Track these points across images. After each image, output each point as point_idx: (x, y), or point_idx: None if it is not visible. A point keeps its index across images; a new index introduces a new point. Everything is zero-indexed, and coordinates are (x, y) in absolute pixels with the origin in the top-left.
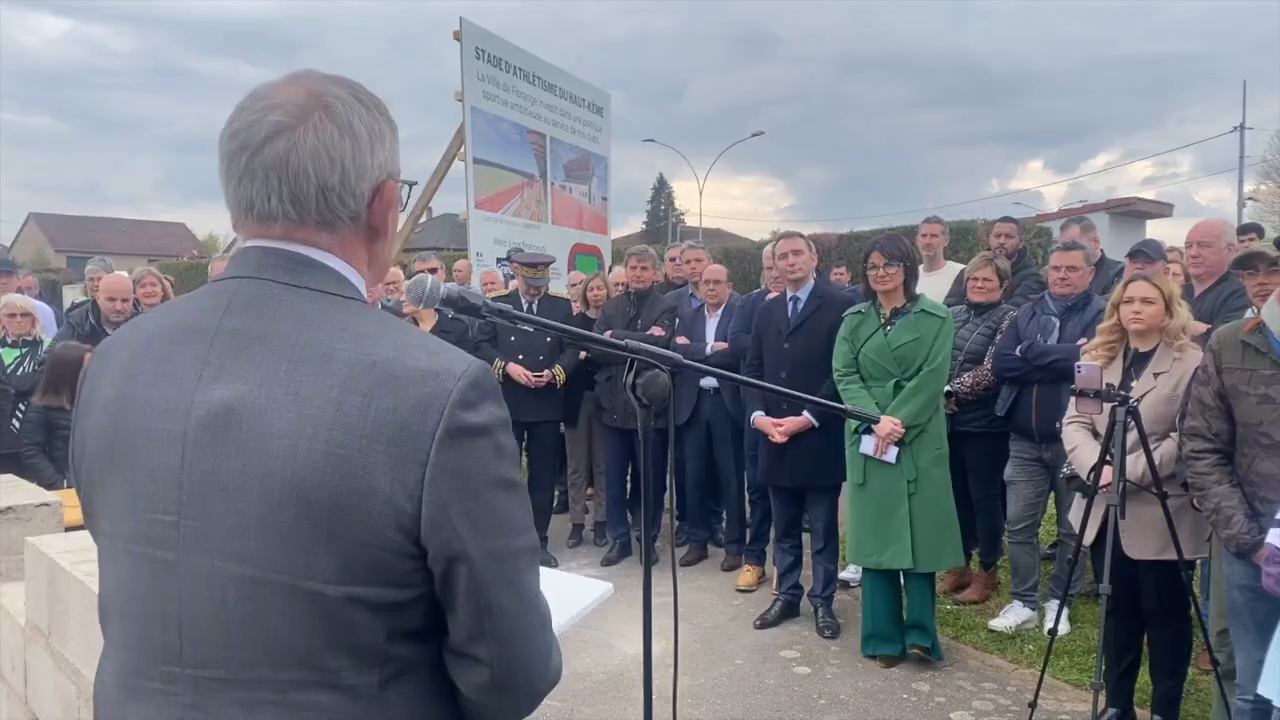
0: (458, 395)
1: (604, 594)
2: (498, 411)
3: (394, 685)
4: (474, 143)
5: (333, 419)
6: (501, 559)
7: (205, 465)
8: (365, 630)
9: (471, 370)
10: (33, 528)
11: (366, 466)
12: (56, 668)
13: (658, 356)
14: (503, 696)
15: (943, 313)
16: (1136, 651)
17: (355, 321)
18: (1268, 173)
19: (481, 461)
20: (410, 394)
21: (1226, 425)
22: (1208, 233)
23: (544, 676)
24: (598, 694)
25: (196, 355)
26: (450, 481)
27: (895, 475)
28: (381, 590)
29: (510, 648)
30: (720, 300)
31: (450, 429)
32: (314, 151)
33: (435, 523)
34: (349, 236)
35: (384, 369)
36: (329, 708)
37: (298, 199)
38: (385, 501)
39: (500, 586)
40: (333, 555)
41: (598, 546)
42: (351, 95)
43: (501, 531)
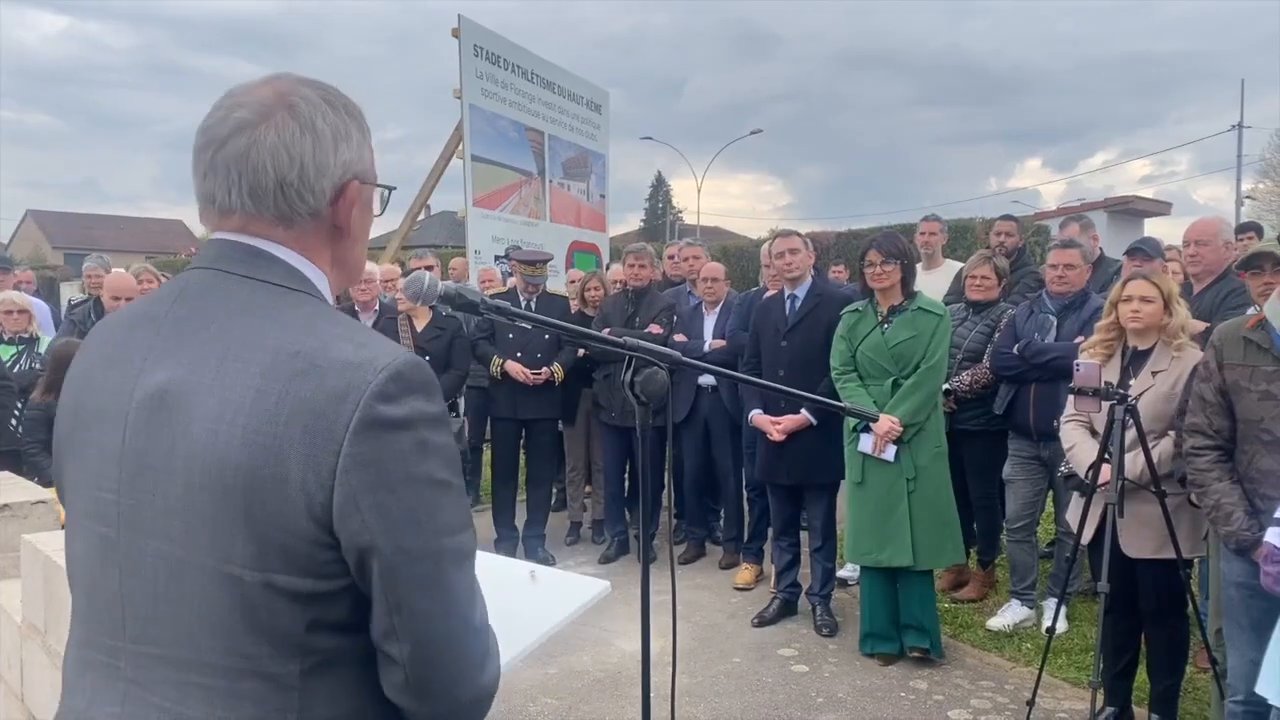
0: (376, 387)
1: (601, 592)
2: (426, 407)
3: (317, 676)
4: (472, 140)
5: (251, 406)
6: (417, 558)
7: (140, 445)
8: (284, 618)
9: (397, 363)
10: (29, 525)
11: (281, 454)
12: (53, 665)
13: (656, 354)
14: (419, 701)
15: (940, 310)
16: (1134, 650)
17: (291, 312)
18: (1266, 171)
19: (399, 456)
20: (328, 384)
21: (1227, 422)
22: (1205, 231)
23: (466, 687)
24: (595, 692)
25: (145, 341)
26: (362, 473)
27: (894, 473)
28: (299, 579)
29: (425, 650)
30: (718, 298)
31: (365, 420)
32: (273, 148)
33: (344, 513)
34: (309, 233)
35: (305, 358)
36: (251, 694)
37: (255, 193)
38: (298, 489)
39: (413, 585)
40: (249, 541)
41: (595, 544)
42: (320, 96)
43: (418, 529)
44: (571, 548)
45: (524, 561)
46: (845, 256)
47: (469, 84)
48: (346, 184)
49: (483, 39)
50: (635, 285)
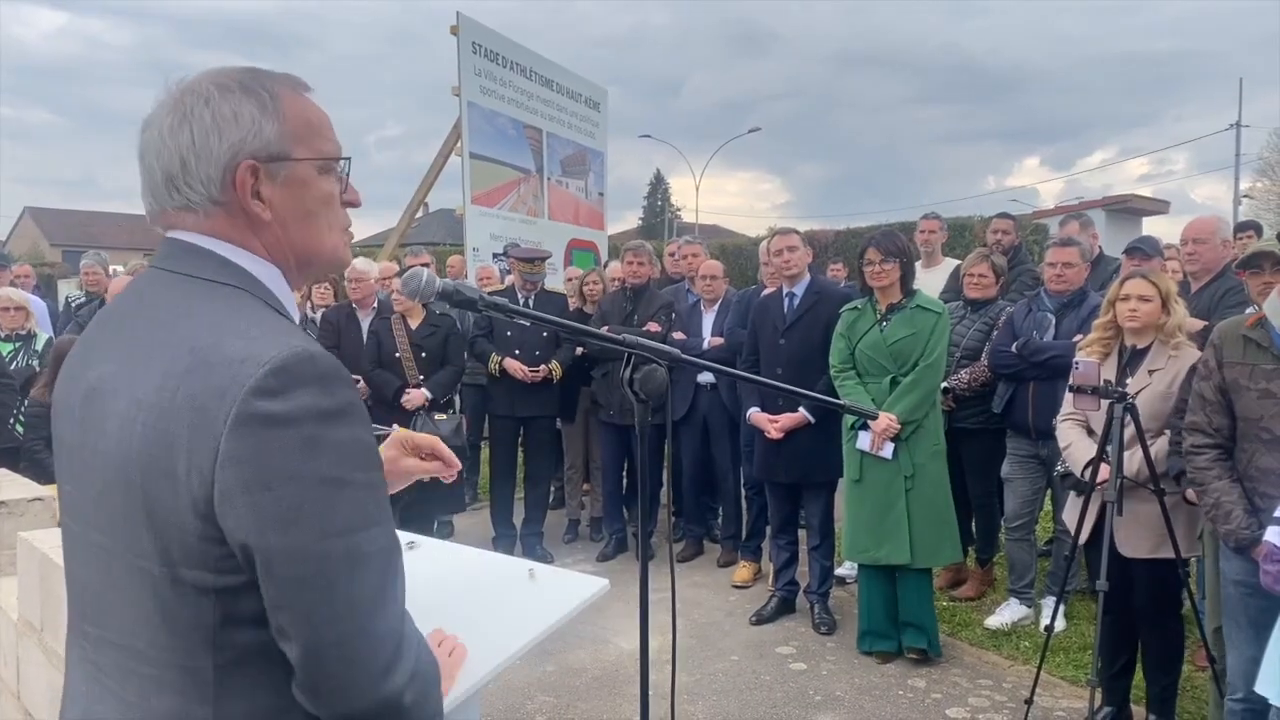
0: (255, 382)
1: (599, 590)
2: (318, 401)
3: (233, 671)
4: (470, 137)
5: (152, 402)
6: (299, 558)
7: (79, 439)
8: (193, 612)
9: (282, 356)
10: (25, 522)
11: (171, 450)
12: (49, 663)
13: (655, 351)
14: (314, 703)
15: (938, 308)
16: (1132, 649)
17: (204, 306)
18: (1264, 170)
19: (279, 452)
20: (213, 380)
21: (1227, 420)
22: (1203, 229)
23: (363, 694)
24: (593, 690)
25: (98, 338)
26: (237, 470)
27: (892, 471)
28: (201, 574)
29: (312, 651)
30: (717, 296)
31: (241, 416)
32: (156, 146)
33: (222, 511)
34: (221, 221)
35: (199, 354)
36: (173, 684)
37: (153, 190)
38: (184, 485)
39: (295, 585)
40: (152, 535)
41: (593, 542)
42: (213, 83)
43: (299, 529)
44: (569, 546)
45: (522, 559)
46: (843, 255)
47: (467, 81)
48: (236, 166)
49: (481, 36)
50: (633, 283)
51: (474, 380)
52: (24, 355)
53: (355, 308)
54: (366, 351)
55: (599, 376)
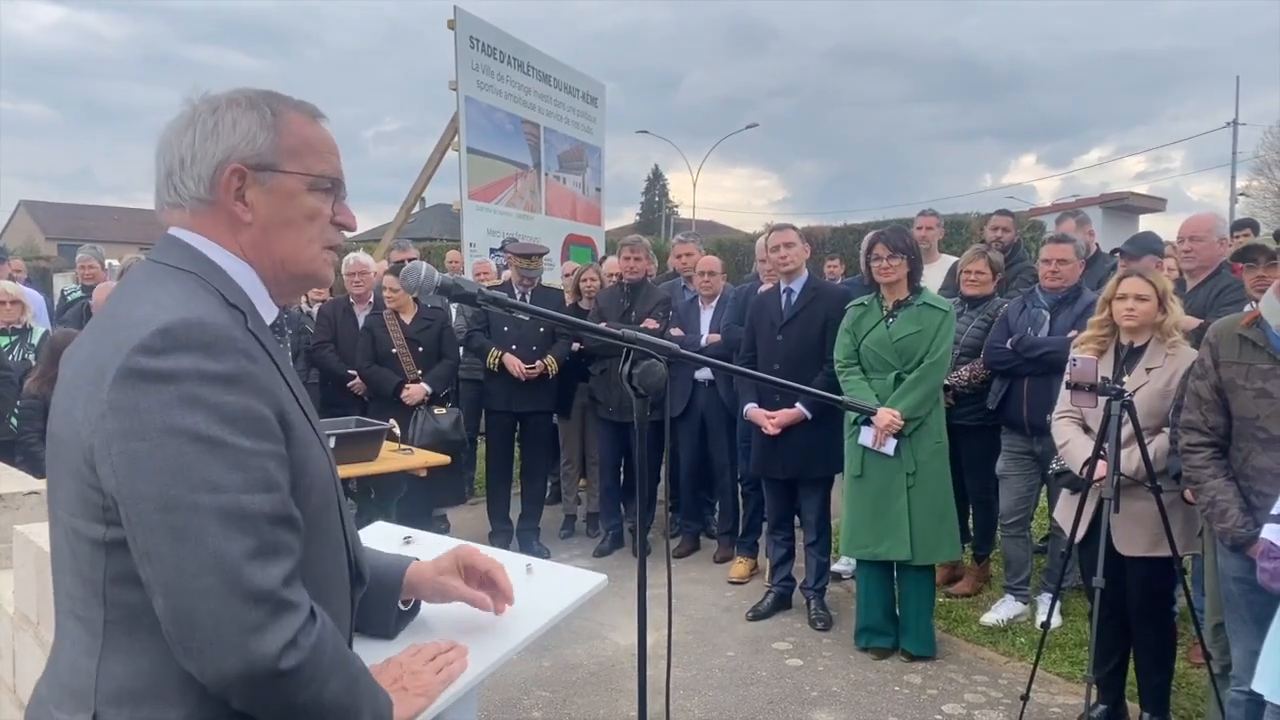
0: (141, 341)
1: (597, 586)
2: (202, 364)
3: (120, 629)
4: (468, 132)
5: (78, 368)
6: (167, 508)
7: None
8: (88, 564)
9: (170, 320)
10: (21, 516)
11: (75, 404)
12: (44, 656)
13: (654, 346)
14: (186, 661)
15: (945, 306)
16: (1127, 645)
17: (151, 284)
18: (1260, 168)
19: (157, 406)
20: (113, 339)
21: (1223, 419)
22: (1199, 227)
23: (230, 655)
24: (590, 685)
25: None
26: (114, 420)
27: (894, 467)
28: (92, 525)
29: (175, 605)
30: (714, 292)
31: (123, 370)
32: (164, 145)
33: (100, 458)
34: (205, 219)
35: (113, 319)
36: (73, 633)
37: (159, 187)
38: (81, 436)
39: (161, 535)
40: (63, 488)
41: (590, 538)
42: (228, 97)
43: (169, 480)
44: (566, 541)
45: (519, 555)
46: (840, 251)
47: (464, 76)
48: (225, 169)
49: (479, 31)
50: (630, 279)
51: (471, 375)
52: (20, 349)
53: (352, 303)
54: (361, 348)
55: (598, 374)
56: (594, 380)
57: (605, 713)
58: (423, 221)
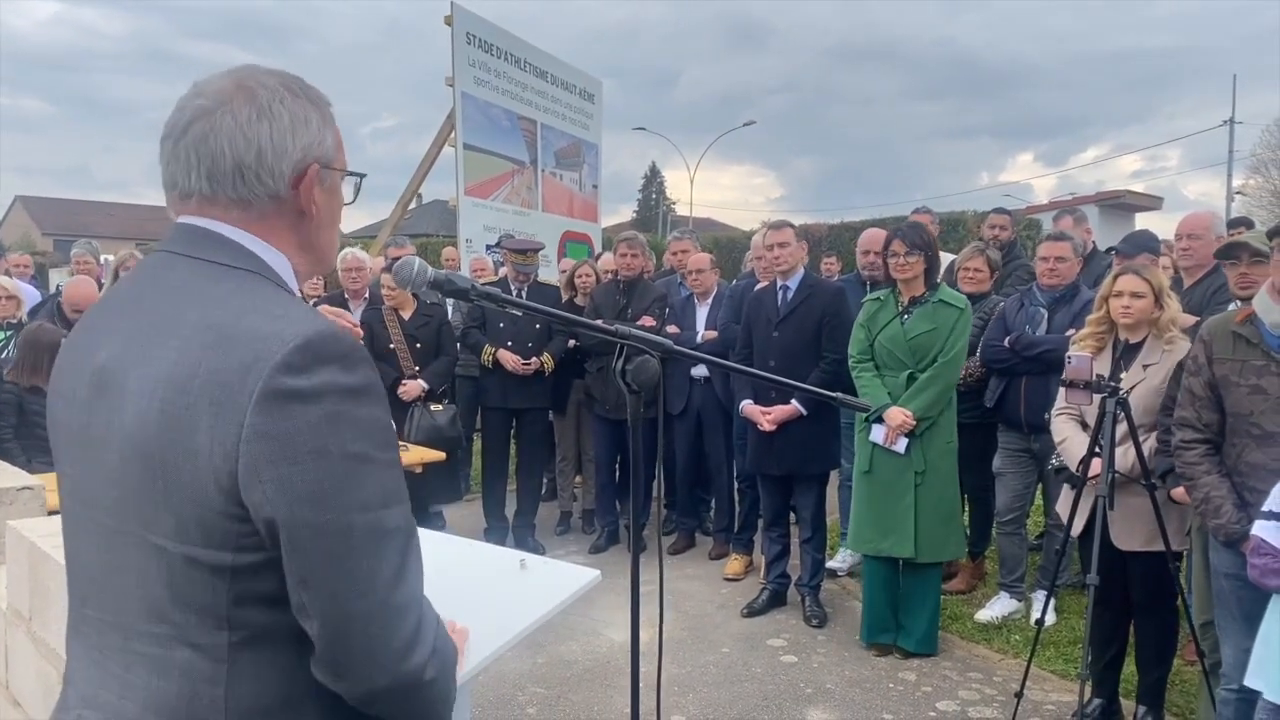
0: (281, 358)
1: (591, 581)
2: (340, 378)
3: (246, 650)
4: (464, 128)
5: (169, 379)
6: (323, 532)
7: (84, 421)
8: (207, 591)
9: (305, 334)
10: (14, 511)
11: (192, 426)
12: (38, 652)
13: (648, 342)
14: (335, 680)
15: (960, 303)
16: (1122, 642)
17: (216, 288)
18: (1257, 167)
19: (305, 428)
20: (236, 356)
21: (1216, 415)
22: (1197, 225)
23: (384, 670)
24: (584, 681)
25: (104, 322)
26: (263, 445)
27: (903, 465)
28: (217, 553)
29: (334, 627)
30: (706, 289)
31: (267, 391)
32: (230, 132)
33: (248, 485)
34: (270, 216)
35: (219, 331)
36: (181, 663)
37: (214, 176)
38: (206, 461)
39: (319, 560)
40: (169, 513)
41: (585, 534)
42: (280, 83)
43: (325, 503)
44: (561, 537)
45: (514, 551)
46: (837, 249)
47: (461, 72)
48: (307, 167)
49: (476, 27)
50: (626, 275)
51: (467, 372)
52: (14, 345)
53: (347, 298)
54: None
55: (594, 371)
56: (590, 377)
57: (599, 709)
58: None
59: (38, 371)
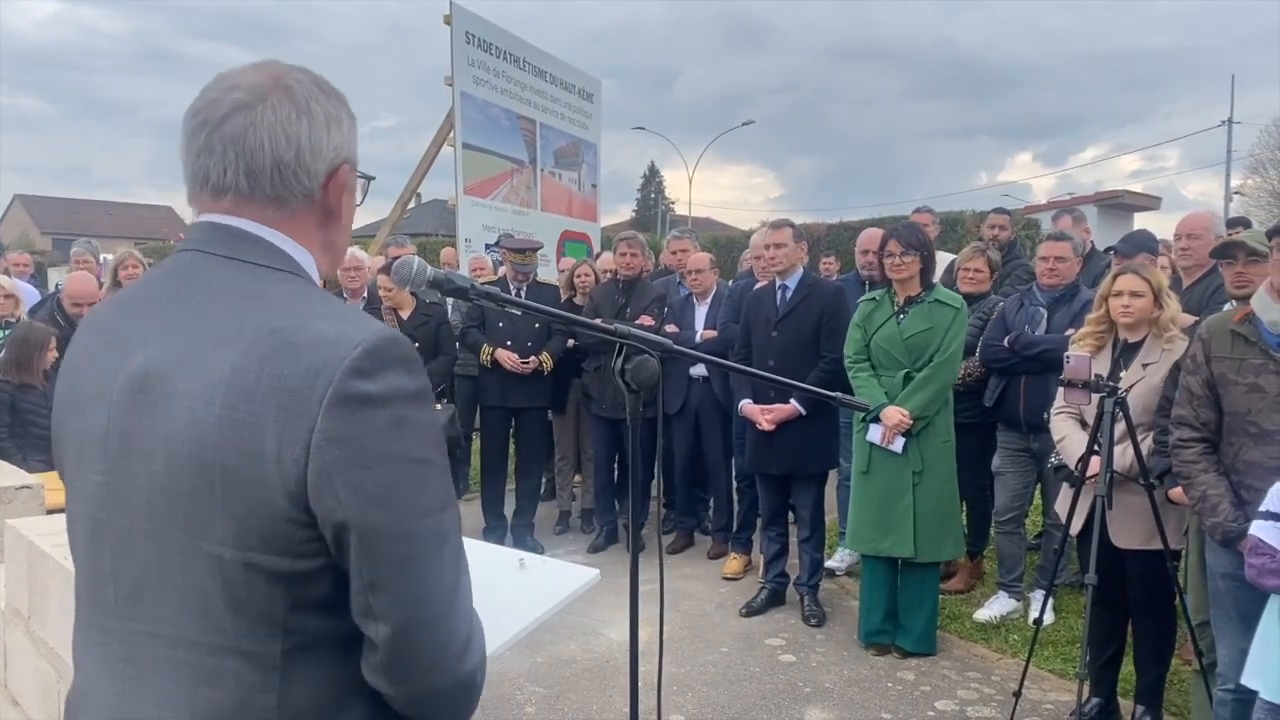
0: (351, 363)
1: (590, 580)
2: (405, 383)
3: (298, 657)
4: (463, 128)
5: (229, 383)
6: (393, 536)
7: (124, 427)
8: (264, 598)
9: (372, 339)
10: (13, 510)
11: (257, 432)
12: (36, 651)
13: (647, 341)
14: (394, 684)
15: (956, 303)
16: (1120, 642)
17: (272, 290)
18: (1255, 167)
19: (375, 432)
20: (303, 360)
21: (1214, 414)
22: (1197, 225)
23: (444, 672)
24: (583, 681)
25: (133, 323)
26: (335, 449)
27: (901, 465)
28: (277, 559)
29: (401, 632)
30: (705, 288)
31: (338, 396)
32: (271, 128)
33: (319, 490)
34: (301, 215)
35: (282, 335)
36: (232, 672)
37: (252, 173)
38: (274, 466)
39: (388, 564)
40: (229, 519)
41: (584, 533)
42: (312, 81)
43: (394, 507)
44: (560, 537)
45: (513, 550)
46: (836, 248)
47: (460, 71)
48: (338, 167)
49: (475, 26)
50: (626, 275)
51: (465, 371)
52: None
53: (346, 298)
54: None
55: (591, 370)
56: (588, 376)
57: (598, 708)
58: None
59: (27, 369)
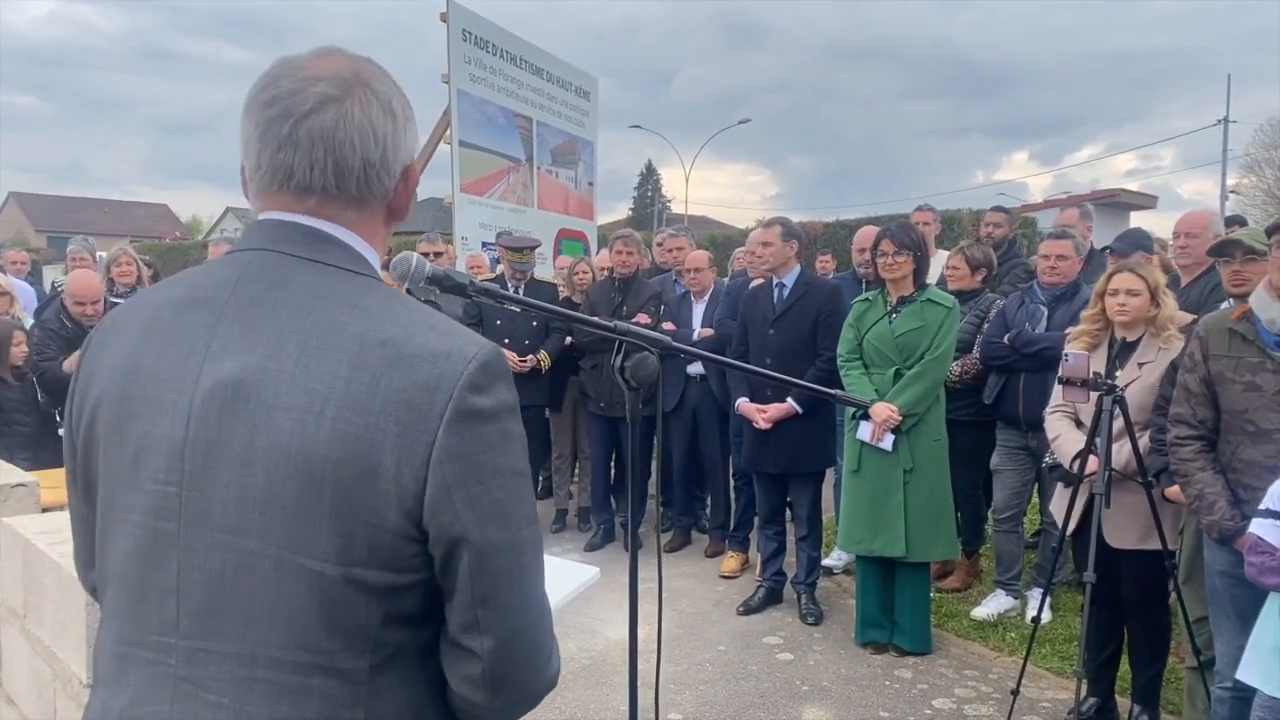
0: (468, 378)
1: (590, 579)
2: (508, 397)
3: (385, 671)
4: (460, 126)
5: (341, 396)
6: (503, 550)
7: (210, 436)
8: (361, 613)
9: (483, 353)
10: (8, 508)
11: (373, 445)
12: (32, 650)
13: (646, 339)
14: (494, 694)
15: (948, 302)
16: (1117, 640)
17: (366, 298)
18: (1250, 166)
19: (489, 447)
20: (419, 374)
21: (1211, 412)
22: (1195, 223)
23: (540, 678)
24: (581, 679)
25: (205, 325)
26: (455, 464)
27: (891, 463)
28: (380, 574)
29: (506, 642)
30: (703, 287)
31: (459, 411)
32: (361, 126)
33: (437, 505)
34: (374, 215)
35: (393, 347)
36: (319, 689)
37: (341, 171)
38: (391, 481)
39: (499, 577)
40: (334, 534)
41: (582, 532)
42: (387, 76)
43: (505, 521)
44: (558, 535)
45: None
46: (833, 247)
47: (457, 69)
48: (409, 168)
49: (471, 24)
50: (622, 273)
51: None
52: None
53: None
54: None
55: (588, 368)
56: (584, 374)
57: (596, 706)
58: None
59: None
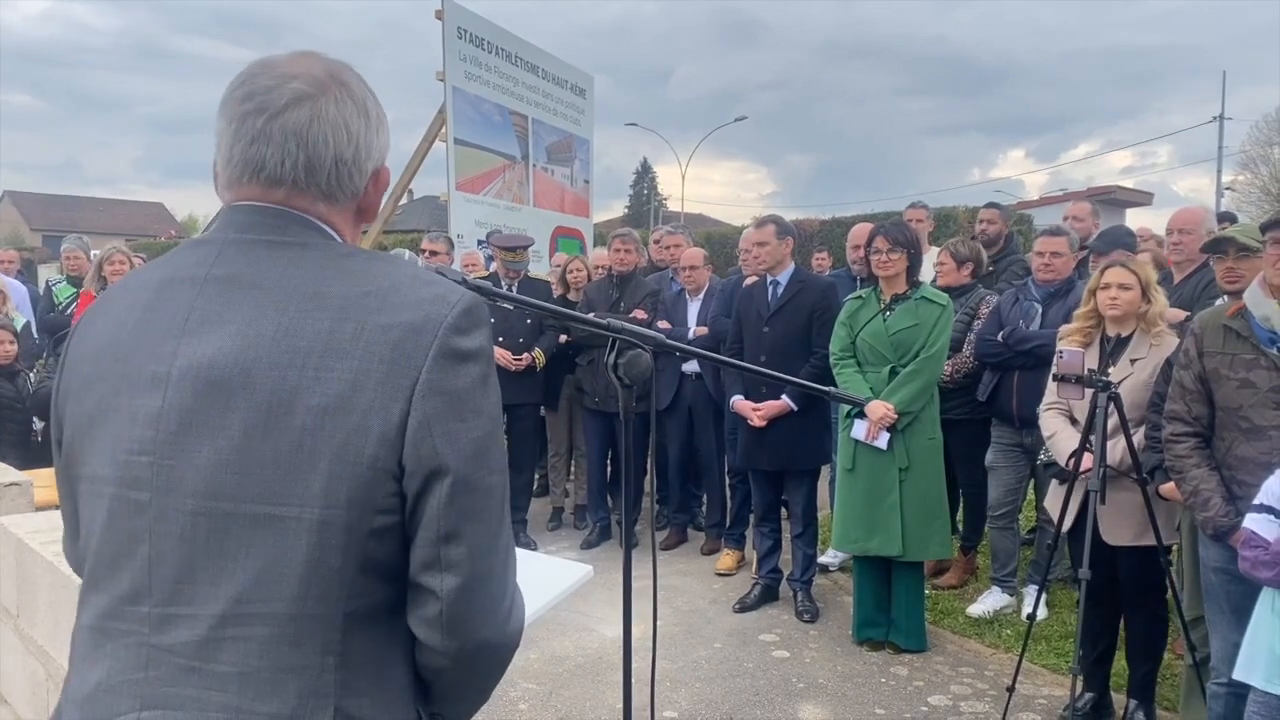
0: (452, 320)
1: (584, 577)
2: (487, 345)
3: (360, 622)
4: (455, 123)
5: (324, 347)
6: (475, 488)
7: (186, 404)
8: (337, 556)
9: (466, 299)
10: (2, 508)
11: (357, 384)
12: (25, 650)
13: (640, 336)
14: (448, 637)
15: (942, 300)
16: (1113, 636)
17: (347, 261)
18: (1246, 163)
19: (470, 387)
20: (404, 317)
21: (1206, 409)
22: (1189, 220)
23: (497, 629)
24: (576, 677)
25: (183, 301)
26: (437, 399)
27: (886, 462)
28: (359, 514)
29: (465, 583)
30: (699, 285)
31: (443, 350)
32: (334, 123)
33: (418, 437)
34: (345, 213)
35: (378, 296)
36: (291, 638)
37: (312, 166)
38: (375, 415)
39: (468, 514)
40: (314, 477)
41: (577, 530)
42: (361, 79)
43: (479, 461)
44: (553, 533)
45: None
46: (829, 244)
47: (452, 67)
48: (379, 169)
49: (467, 21)
50: (620, 270)
51: None
52: None
53: None
54: None
55: (584, 364)
56: (580, 371)
57: (592, 704)
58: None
59: None
